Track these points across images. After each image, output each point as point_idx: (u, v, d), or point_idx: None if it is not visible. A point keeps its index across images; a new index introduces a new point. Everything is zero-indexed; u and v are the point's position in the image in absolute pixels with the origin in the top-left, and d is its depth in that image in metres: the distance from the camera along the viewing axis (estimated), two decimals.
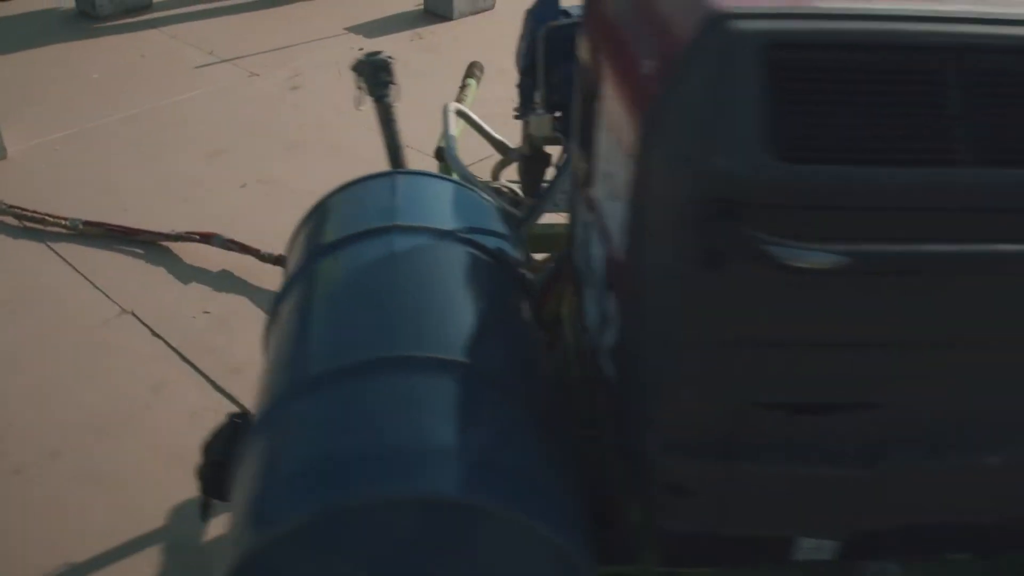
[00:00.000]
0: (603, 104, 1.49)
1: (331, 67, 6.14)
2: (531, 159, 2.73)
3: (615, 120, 1.38)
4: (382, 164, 4.90)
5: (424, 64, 6.20)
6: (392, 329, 1.56)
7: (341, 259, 1.76)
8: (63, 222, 4.33)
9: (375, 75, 2.75)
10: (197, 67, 6.07)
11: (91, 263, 4.15)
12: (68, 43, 6.38)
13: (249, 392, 3.41)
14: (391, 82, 2.76)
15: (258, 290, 3.99)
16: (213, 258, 4.18)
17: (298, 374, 1.56)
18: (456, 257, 1.77)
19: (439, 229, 1.82)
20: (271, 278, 4.04)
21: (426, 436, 1.38)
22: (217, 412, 3.37)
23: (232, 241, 4.17)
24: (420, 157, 4.99)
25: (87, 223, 4.32)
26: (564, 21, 2.48)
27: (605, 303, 1.50)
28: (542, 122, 2.54)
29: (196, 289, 4.03)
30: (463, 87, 3.28)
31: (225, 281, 4.06)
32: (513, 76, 3.22)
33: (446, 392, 1.46)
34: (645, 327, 1.28)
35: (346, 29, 6.72)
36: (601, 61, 1.50)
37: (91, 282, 4.04)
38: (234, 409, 3.36)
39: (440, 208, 1.95)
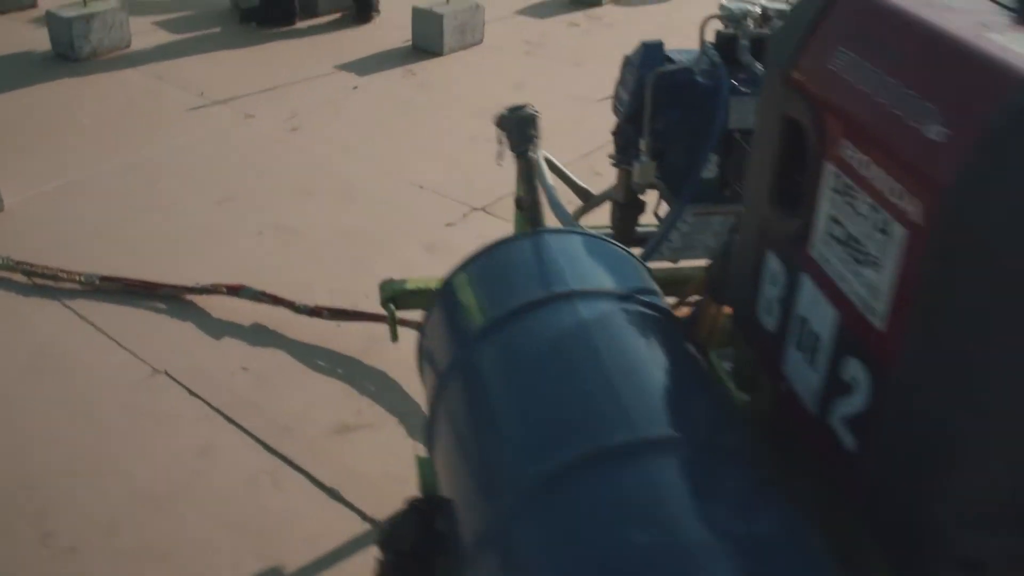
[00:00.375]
0: (836, 165, 1.43)
1: (328, 106, 6.02)
2: (627, 207, 2.68)
3: (872, 184, 1.33)
4: (403, 208, 4.82)
5: (422, 100, 6.13)
6: (618, 410, 1.44)
7: (524, 333, 1.64)
8: (78, 278, 4.10)
9: (521, 130, 2.66)
10: (190, 109, 5.87)
11: (112, 321, 3.94)
12: (51, 87, 6.12)
13: (305, 452, 3.29)
14: (537, 136, 2.67)
15: (296, 343, 3.84)
16: (242, 311, 4.01)
17: (518, 472, 1.41)
18: (643, 321, 1.68)
19: (617, 292, 1.74)
20: (309, 331, 3.89)
21: (693, 528, 1.28)
22: (273, 476, 3.22)
23: (263, 293, 4.01)
24: (437, 198, 4.90)
25: (104, 278, 4.09)
26: (670, 67, 2.43)
27: (840, 369, 1.45)
28: (646, 169, 2.49)
29: (230, 344, 3.85)
30: None
31: (260, 335, 3.89)
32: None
33: (693, 475, 1.37)
34: (943, 398, 1.22)
35: (336, 67, 6.58)
36: (828, 119, 1.45)
37: (116, 341, 3.82)
38: (284, 465, 3.22)
39: (601, 267, 1.86)
